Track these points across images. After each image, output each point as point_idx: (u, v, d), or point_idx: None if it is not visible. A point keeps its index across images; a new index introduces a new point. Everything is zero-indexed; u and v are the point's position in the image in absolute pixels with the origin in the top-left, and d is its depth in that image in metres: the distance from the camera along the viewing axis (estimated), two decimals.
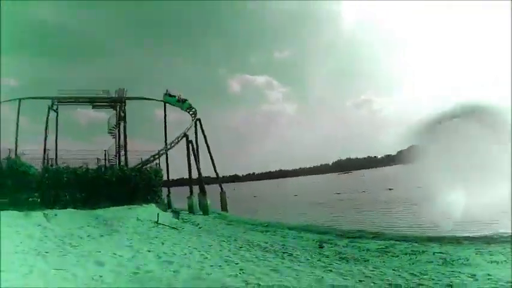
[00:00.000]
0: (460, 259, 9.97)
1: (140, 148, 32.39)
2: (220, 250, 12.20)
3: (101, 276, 8.34)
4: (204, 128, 32.27)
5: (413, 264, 9.83)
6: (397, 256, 10.96)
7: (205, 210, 26.65)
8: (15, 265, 9.44)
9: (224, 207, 30.61)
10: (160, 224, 17.02)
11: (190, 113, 32.89)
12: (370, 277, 8.45)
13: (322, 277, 8.48)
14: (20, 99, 29.56)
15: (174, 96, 32.13)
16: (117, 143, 30.62)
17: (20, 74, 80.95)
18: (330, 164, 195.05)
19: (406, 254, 11.20)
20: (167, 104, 32.68)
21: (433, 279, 8.02)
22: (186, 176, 29.95)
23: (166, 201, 27.20)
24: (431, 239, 13.20)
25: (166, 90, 32.64)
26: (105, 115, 38.05)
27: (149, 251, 11.38)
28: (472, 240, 12.85)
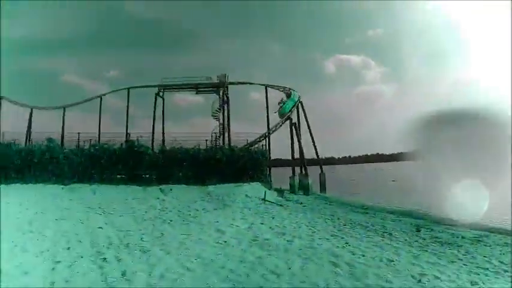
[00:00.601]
0: None
1: (239, 129, 33.83)
2: (326, 226, 12.93)
3: (225, 241, 9.47)
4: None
5: (503, 254, 9.78)
6: (490, 246, 10.87)
7: (306, 190, 27.44)
8: (148, 230, 11.04)
9: (323, 188, 31.08)
10: (267, 201, 18.03)
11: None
12: (461, 259, 8.82)
13: (419, 254, 9.03)
14: (128, 88, 33.01)
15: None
16: (220, 126, 32.42)
17: (120, 65, 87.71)
18: None
19: (498, 244, 11.06)
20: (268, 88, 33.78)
21: None
22: (282, 156, 30.85)
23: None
24: None
25: (281, 99, 33.04)
26: (201, 99, 40.37)
27: (262, 224, 12.41)
28: None
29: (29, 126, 34.00)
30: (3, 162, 23.12)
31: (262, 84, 34.41)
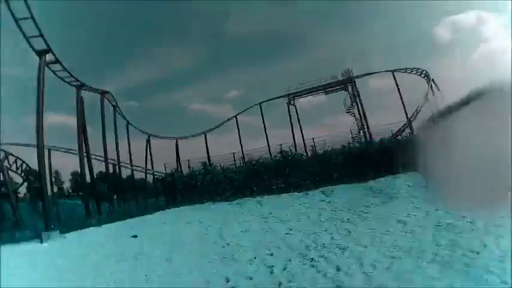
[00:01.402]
0: None
1: (372, 121, 34.35)
2: None
3: (411, 230, 10.44)
4: None
5: None
6: None
7: None
8: (332, 230, 12.37)
9: None
10: None
11: (423, 75, 33.37)
12: None
13: None
14: (260, 103, 36.08)
15: None
16: (358, 121, 33.48)
17: (236, 84, 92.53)
18: None
19: None
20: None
21: None
22: None
23: None
24: None
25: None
26: (323, 98, 42.56)
27: (437, 210, 12.85)
28: None
29: (177, 155, 38.77)
30: (170, 188, 26.73)
31: (389, 71, 34.67)
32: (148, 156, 38.67)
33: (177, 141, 39.68)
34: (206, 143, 38.89)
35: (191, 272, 9.78)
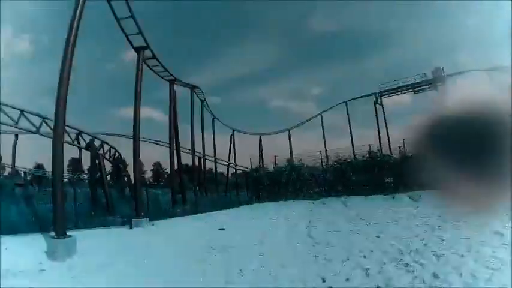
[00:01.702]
0: None
1: None
2: None
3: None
4: None
5: None
6: None
7: None
8: (424, 236, 12.57)
9: None
10: None
11: None
12: None
13: None
14: (346, 102, 36.29)
15: None
16: None
17: (319, 82, 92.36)
18: None
19: None
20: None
21: None
22: None
23: None
24: None
25: None
26: (408, 97, 41.67)
27: None
28: None
29: (260, 150, 39.73)
30: (255, 183, 27.64)
31: (483, 70, 33.32)
32: (231, 151, 40.14)
33: (260, 137, 40.68)
34: (290, 139, 39.63)
35: (285, 269, 10.15)
